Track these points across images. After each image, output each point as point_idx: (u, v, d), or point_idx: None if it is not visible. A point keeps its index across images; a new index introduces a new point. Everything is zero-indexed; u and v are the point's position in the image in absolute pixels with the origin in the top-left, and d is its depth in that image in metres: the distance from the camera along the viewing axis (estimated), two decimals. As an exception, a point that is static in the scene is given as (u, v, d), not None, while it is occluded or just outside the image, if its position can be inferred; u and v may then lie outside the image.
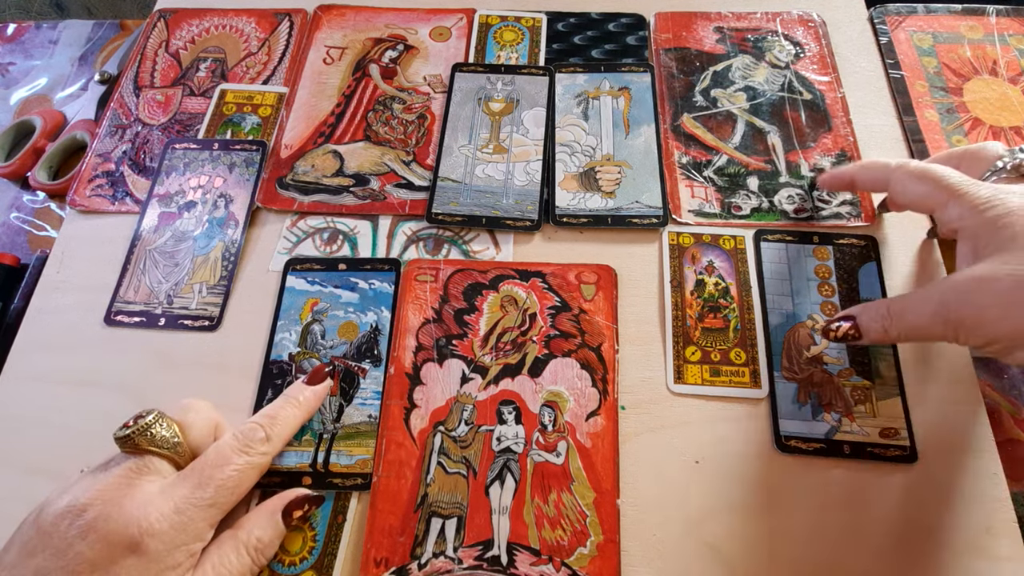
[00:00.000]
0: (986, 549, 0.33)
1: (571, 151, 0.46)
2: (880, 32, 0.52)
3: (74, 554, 0.27)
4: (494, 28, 0.53)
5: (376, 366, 0.39)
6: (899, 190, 0.35)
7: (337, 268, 0.42)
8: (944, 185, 0.33)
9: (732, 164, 0.45)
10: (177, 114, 0.50)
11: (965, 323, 0.30)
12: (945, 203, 0.32)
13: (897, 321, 0.32)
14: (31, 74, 0.58)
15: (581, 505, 0.35)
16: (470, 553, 0.34)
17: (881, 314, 0.33)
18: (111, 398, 0.39)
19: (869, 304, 0.34)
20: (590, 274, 0.41)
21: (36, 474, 0.37)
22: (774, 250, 0.42)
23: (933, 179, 0.33)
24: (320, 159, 0.47)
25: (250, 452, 0.32)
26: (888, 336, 0.33)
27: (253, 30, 0.54)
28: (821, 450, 0.36)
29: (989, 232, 0.30)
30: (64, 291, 0.43)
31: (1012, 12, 0.52)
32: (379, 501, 0.35)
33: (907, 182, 0.35)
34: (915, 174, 0.34)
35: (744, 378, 0.38)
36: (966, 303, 0.29)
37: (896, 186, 0.36)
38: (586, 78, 0.50)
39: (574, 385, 0.38)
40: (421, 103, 0.49)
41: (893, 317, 0.32)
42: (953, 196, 0.32)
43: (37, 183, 0.50)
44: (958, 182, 0.32)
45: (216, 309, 0.41)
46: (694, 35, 0.52)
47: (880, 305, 0.33)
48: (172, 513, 0.29)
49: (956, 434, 0.36)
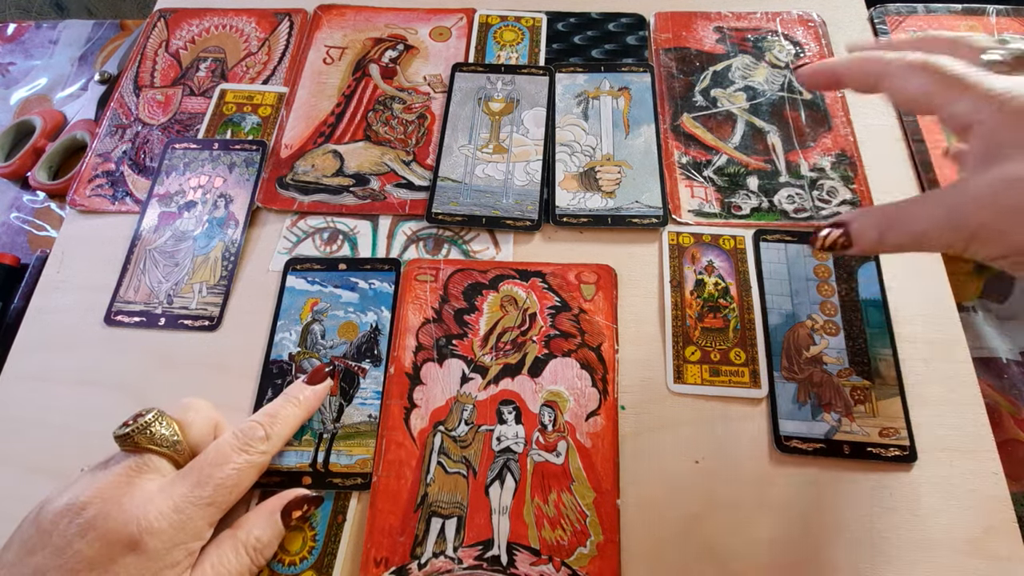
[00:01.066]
0: (986, 549, 0.33)
1: (571, 151, 0.46)
2: (880, 32, 0.52)
3: (73, 552, 0.27)
4: (494, 28, 0.53)
5: (376, 366, 0.39)
6: (898, 85, 0.30)
7: (337, 268, 0.42)
8: (951, 76, 0.28)
9: (732, 164, 0.45)
10: (177, 114, 0.50)
11: (982, 231, 0.26)
12: (954, 97, 0.28)
13: (898, 228, 0.29)
14: (31, 74, 0.58)
15: (581, 505, 0.35)
16: (470, 553, 0.34)
17: (878, 220, 0.30)
18: (111, 398, 0.39)
19: (861, 210, 0.31)
20: (590, 274, 0.41)
21: (36, 474, 0.37)
22: (774, 250, 0.42)
23: (937, 69, 0.29)
24: (320, 159, 0.47)
25: (250, 451, 0.32)
26: (883, 244, 0.30)
27: (253, 30, 0.54)
28: (821, 450, 0.36)
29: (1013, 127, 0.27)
30: (64, 291, 0.43)
31: (1012, 12, 0.52)
32: (379, 501, 0.35)
33: (907, 75, 0.30)
34: (916, 65, 0.30)
35: (744, 378, 0.38)
36: (987, 208, 0.26)
37: (894, 80, 0.30)
38: (586, 78, 0.50)
39: (574, 385, 0.38)
40: (421, 103, 0.49)
41: (893, 225, 0.29)
42: (963, 88, 0.28)
43: (37, 183, 0.50)
44: (966, 72, 0.28)
45: (216, 309, 0.41)
46: (694, 35, 0.52)
47: (877, 211, 0.30)
48: (171, 511, 0.29)
49: (956, 434, 0.36)
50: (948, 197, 0.28)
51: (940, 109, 0.29)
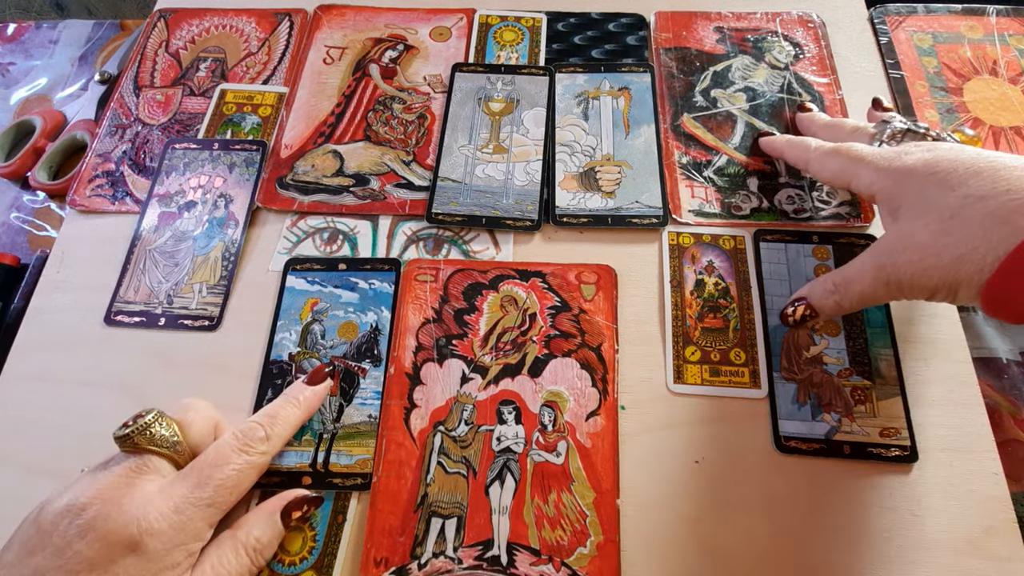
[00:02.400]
0: (986, 549, 0.33)
1: (571, 151, 0.46)
2: (880, 32, 0.52)
3: (73, 553, 0.27)
4: (494, 28, 0.53)
5: (376, 366, 0.39)
6: (817, 168, 0.38)
7: (337, 268, 0.42)
8: (854, 155, 0.35)
9: (732, 164, 0.45)
10: (177, 114, 0.50)
11: (903, 281, 0.31)
12: (857, 172, 0.35)
13: (845, 293, 0.34)
14: (31, 74, 0.58)
15: (581, 505, 0.35)
16: (470, 553, 0.34)
17: (828, 290, 0.35)
18: (111, 398, 0.39)
19: (814, 282, 0.37)
20: (590, 274, 0.41)
21: (36, 474, 0.37)
22: (774, 250, 0.42)
23: (844, 153, 0.36)
24: (320, 159, 0.47)
25: (250, 451, 0.32)
26: (842, 308, 0.35)
27: (253, 30, 0.54)
28: (821, 450, 0.36)
29: (898, 189, 0.32)
30: (64, 291, 0.43)
31: (1012, 12, 0.52)
32: (379, 501, 0.35)
33: (823, 160, 0.37)
34: (829, 152, 0.37)
35: (744, 378, 0.38)
36: (897, 263, 0.31)
37: (815, 165, 0.38)
38: (586, 78, 0.50)
39: (574, 385, 0.38)
40: (421, 103, 0.49)
41: (840, 290, 0.34)
42: (862, 163, 0.34)
43: (37, 183, 0.50)
44: (864, 151, 0.35)
45: (216, 309, 0.41)
46: (694, 35, 0.52)
47: (825, 281, 0.35)
48: (171, 512, 0.29)
49: (956, 434, 0.36)
50: (872, 258, 0.33)
51: (851, 183, 0.36)
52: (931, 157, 0.32)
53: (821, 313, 0.36)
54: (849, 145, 0.36)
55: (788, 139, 0.42)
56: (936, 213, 0.30)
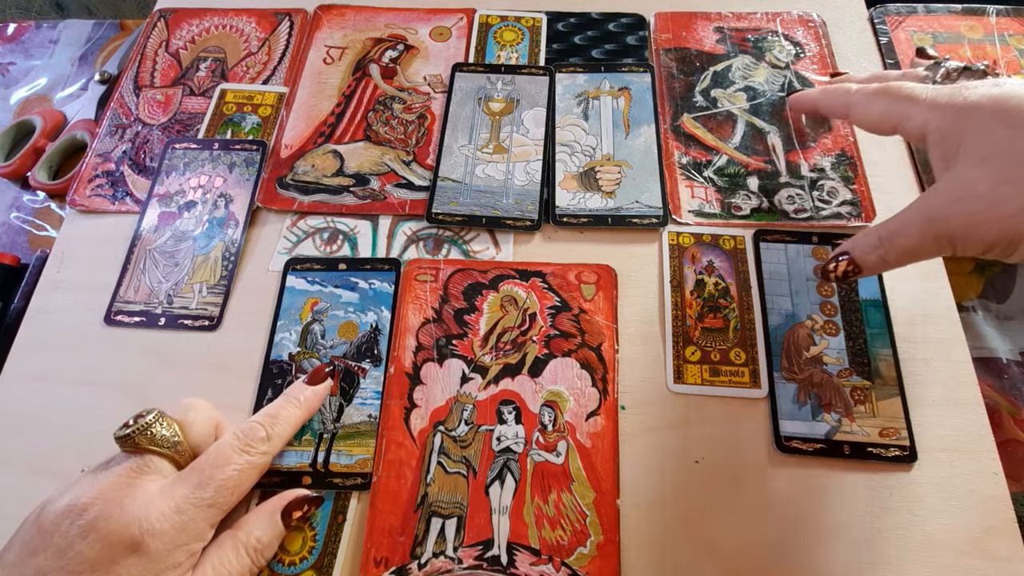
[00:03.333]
0: (986, 549, 0.33)
1: (571, 151, 0.46)
2: (880, 32, 0.52)
3: (74, 553, 0.27)
4: (494, 28, 0.53)
5: (376, 366, 0.39)
6: (861, 111, 0.35)
7: (337, 268, 0.42)
8: (905, 93, 0.32)
9: (732, 164, 0.45)
10: (177, 114, 0.50)
11: (957, 235, 0.28)
12: (907, 112, 0.31)
13: (891, 247, 0.31)
14: (31, 74, 0.58)
15: (581, 505, 0.35)
16: (470, 553, 0.34)
17: (873, 244, 0.32)
18: (111, 398, 0.39)
19: (858, 236, 0.33)
20: (590, 274, 0.41)
21: (36, 474, 0.37)
22: (774, 250, 0.42)
23: (893, 91, 0.33)
24: (320, 159, 0.47)
25: (251, 451, 0.32)
26: (887, 264, 0.32)
27: (253, 30, 0.54)
28: (821, 450, 0.36)
29: (957, 127, 0.29)
30: (64, 291, 0.43)
31: (1012, 12, 0.52)
32: (379, 501, 0.35)
33: (867, 102, 0.34)
34: (874, 92, 0.34)
35: (744, 378, 0.38)
36: (950, 215, 0.28)
37: (858, 108, 0.35)
38: (586, 78, 0.50)
39: (574, 385, 0.38)
40: (421, 103, 0.49)
41: (885, 244, 0.31)
42: (913, 102, 0.31)
43: (37, 183, 0.50)
44: (916, 88, 0.32)
45: (216, 309, 0.41)
46: (694, 35, 0.52)
47: (870, 235, 0.32)
48: (172, 513, 0.29)
49: (956, 434, 0.36)
50: (921, 210, 0.29)
51: (900, 125, 0.32)
52: (999, 93, 0.28)
53: (864, 269, 0.32)
54: (899, 83, 0.32)
55: (823, 88, 0.39)
56: (1001, 158, 0.26)
